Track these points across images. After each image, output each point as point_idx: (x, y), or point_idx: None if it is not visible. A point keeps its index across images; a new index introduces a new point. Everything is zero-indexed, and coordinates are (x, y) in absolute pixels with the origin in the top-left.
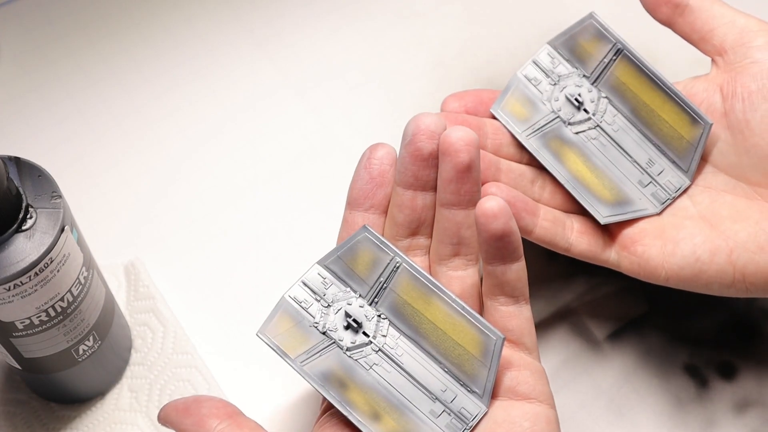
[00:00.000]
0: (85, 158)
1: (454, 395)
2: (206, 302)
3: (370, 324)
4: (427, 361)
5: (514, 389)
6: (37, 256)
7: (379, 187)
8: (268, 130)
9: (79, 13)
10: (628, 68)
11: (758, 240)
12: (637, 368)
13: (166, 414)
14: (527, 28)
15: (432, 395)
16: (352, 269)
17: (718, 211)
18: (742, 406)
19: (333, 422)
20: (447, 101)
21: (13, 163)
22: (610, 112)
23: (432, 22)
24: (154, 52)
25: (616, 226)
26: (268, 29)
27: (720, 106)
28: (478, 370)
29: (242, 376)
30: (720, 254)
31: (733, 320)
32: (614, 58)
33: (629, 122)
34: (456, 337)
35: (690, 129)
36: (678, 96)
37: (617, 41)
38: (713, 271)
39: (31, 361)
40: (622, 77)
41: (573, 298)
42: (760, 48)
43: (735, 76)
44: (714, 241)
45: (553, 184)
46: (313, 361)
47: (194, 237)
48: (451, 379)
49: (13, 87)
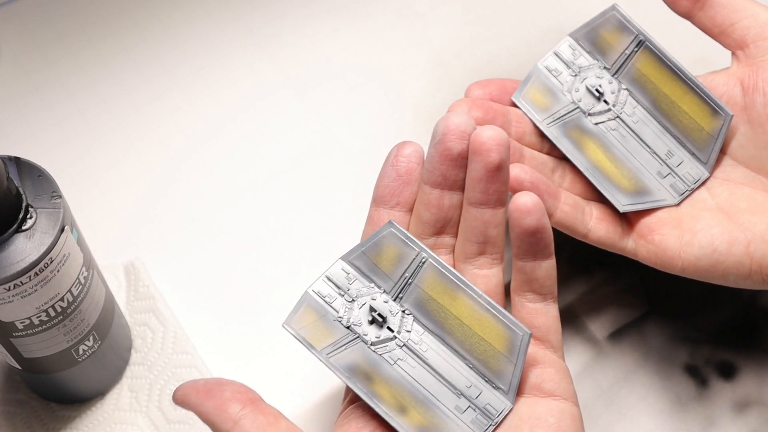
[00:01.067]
0: (85, 158)
1: (480, 391)
2: (206, 302)
3: (395, 319)
4: (452, 356)
5: (540, 386)
6: (37, 256)
7: (406, 185)
8: (268, 130)
9: (79, 13)
10: (650, 60)
11: None
12: (637, 368)
13: (184, 394)
14: (527, 28)
15: (457, 391)
16: (377, 265)
17: (736, 203)
18: (742, 406)
19: (358, 414)
20: (471, 89)
21: (13, 163)
22: (630, 103)
23: (432, 22)
24: (154, 52)
25: (634, 215)
26: (268, 29)
27: (740, 100)
28: (504, 367)
29: (243, 376)
30: (737, 245)
31: (733, 320)
32: (636, 49)
33: (649, 114)
34: (482, 332)
35: (710, 120)
36: (699, 87)
37: (639, 32)
38: (730, 262)
39: (31, 361)
40: (643, 69)
41: (573, 298)
42: None
43: (756, 70)
44: (732, 233)
45: (573, 174)
46: (339, 354)
47: (194, 237)
48: (476, 375)
49: (13, 87)
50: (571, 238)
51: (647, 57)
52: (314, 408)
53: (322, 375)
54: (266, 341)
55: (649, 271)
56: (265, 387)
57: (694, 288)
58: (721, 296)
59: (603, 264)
